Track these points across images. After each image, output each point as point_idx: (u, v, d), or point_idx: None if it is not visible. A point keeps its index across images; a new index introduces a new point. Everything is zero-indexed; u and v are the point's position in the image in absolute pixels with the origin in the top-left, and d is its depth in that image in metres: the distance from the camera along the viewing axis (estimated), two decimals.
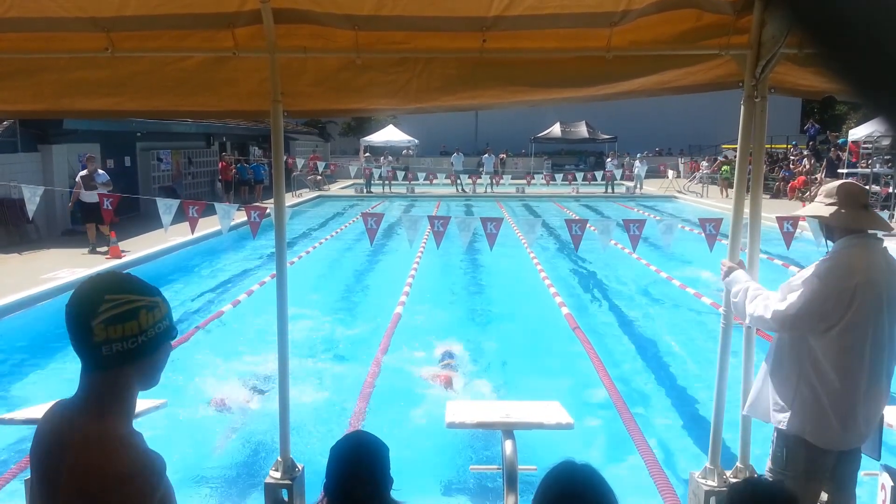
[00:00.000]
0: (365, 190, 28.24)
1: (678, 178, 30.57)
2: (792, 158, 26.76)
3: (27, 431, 3.74)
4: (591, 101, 3.64)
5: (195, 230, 5.13)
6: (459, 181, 28.32)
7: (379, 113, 6.00)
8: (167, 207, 5.05)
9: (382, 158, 30.19)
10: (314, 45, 3.20)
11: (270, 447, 4.96)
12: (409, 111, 3.75)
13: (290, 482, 3.44)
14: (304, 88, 3.49)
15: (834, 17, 0.51)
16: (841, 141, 24.34)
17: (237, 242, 14.11)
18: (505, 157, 35.75)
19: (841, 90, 0.53)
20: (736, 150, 3.45)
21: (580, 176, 25.46)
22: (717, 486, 3.39)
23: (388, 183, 28.13)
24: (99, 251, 12.46)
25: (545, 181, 26.90)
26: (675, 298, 9.80)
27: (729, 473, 3.44)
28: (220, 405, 5.81)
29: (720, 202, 21.24)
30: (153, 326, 1.44)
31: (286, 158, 10.31)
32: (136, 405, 1.49)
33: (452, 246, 10.93)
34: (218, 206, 4.97)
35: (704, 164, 29.05)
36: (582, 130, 35.48)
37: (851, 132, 21.76)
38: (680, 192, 27.32)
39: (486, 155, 32.01)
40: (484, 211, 20.73)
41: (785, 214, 4.27)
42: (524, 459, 3.86)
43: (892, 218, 15.28)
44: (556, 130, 35.59)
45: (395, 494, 2.10)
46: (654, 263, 11.64)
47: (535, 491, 1.84)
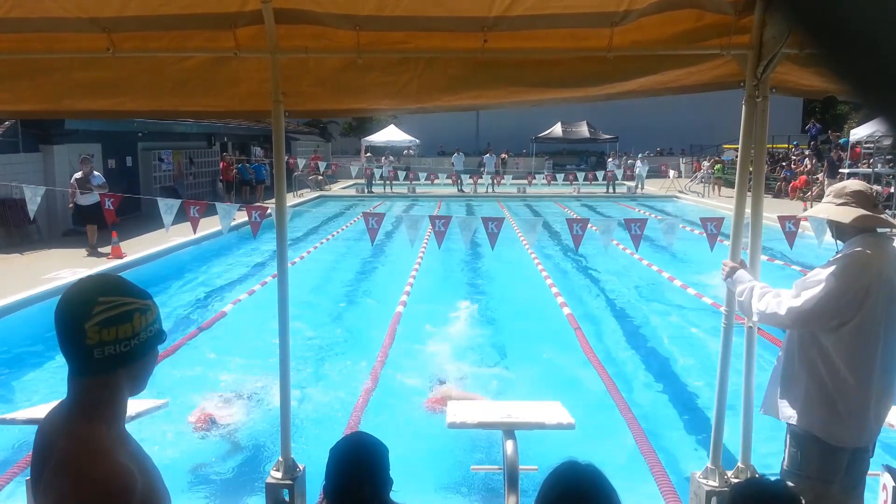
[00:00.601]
0: (366, 190, 28.24)
1: (679, 178, 30.59)
2: (793, 158, 26.75)
3: (29, 431, 3.75)
4: (592, 101, 3.64)
5: (196, 230, 5.14)
6: (460, 181, 28.34)
7: (380, 113, 6.00)
8: (168, 207, 5.05)
9: (384, 158, 30.21)
10: (315, 45, 3.20)
11: (271, 447, 4.97)
12: (410, 111, 3.75)
13: (290, 482, 3.44)
14: (305, 88, 3.49)
15: (835, 17, 0.51)
16: (842, 141, 24.31)
17: (238, 243, 14.11)
18: (506, 156, 35.74)
19: (842, 90, 0.53)
20: (737, 150, 3.45)
21: (581, 176, 25.45)
22: (718, 486, 3.39)
23: (389, 183, 28.13)
24: (102, 252, 12.34)
25: (546, 181, 26.90)
26: (676, 298, 9.80)
27: (730, 473, 3.44)
28: (220, 405, 5.81)
29: (721, 202, 21.23)
30: (145, 330, 1.43)
31: (287, 158, 10.30)
32: (125, 410, 1.48)
33: (454, 246, 10.94)
34: (219, 205, 4.97)
35: (706, 164, 29.07)
36: (583, 130, 35.49)
37: (853, 132, 21.74)
38: (681, 192, 27.32)
39: (487, 155, 32.01)
40: (485, 211, 20.74)
41: (795, 214, 4.28)
42: (525, 460, 3.86)
43: (894, 218, 15.25)
44: (557, 130, 35.60)
45: (394, 496, 2.10)
46: (655, 263, 11.64)
47: (537, 491, 1.84)
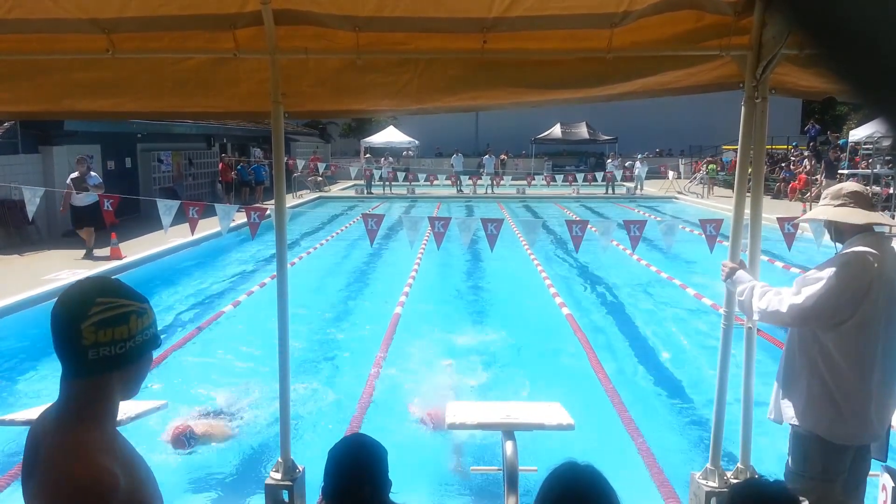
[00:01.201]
0: (365, 191, 28.23)
1: (678, 178, 30.61)
2: (792, 159, 26.78)
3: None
4: (591, 101, 3.64)
5: (195, 231, 5.14)
6: (460, 182, 28.34)
7: (380, 114, 6.00)
8: (167, 209, 5.05)
9: (383, 159, 30.18)
10: (315, 46, 3.21)
11: (271, 448, 4.96)
12: (409, 112, 3.75)
13: (290, 483, 3.44)
14: (304, 89, 3.49)
15: (834, 17, 0.51)
16: (841, 142, 24.34)
17: (238, 244, 14.11)
18: (505, 157, 35.75)
19: (841, 91, 0.53)
20: (736, 150, 3.45)
21: (581, 177, 25.47)
22: (717, 486, 3.39)
23: (388, 184, 28.12)
24: (98, 255, 12.15)
25: (546, 182, 26.91)
26: (675, 299, 9.80)
27: (730, 474, 3.44)
28: (220, 406, 5.81)
29: (720, 203, 21.23)
30: (141, 332, 1.43)
31: (287, 159, 10.28)
32: (116, 414, 1.48)
33: (453, 247, 10.94)
34: (218, 206, 4.97)
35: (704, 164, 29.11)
36: (582, 131, 35.49)
37: (852, 133, 21.77)
38: (680, 192, 27.34)
39: (486, 156, 32.01)
40: (484, 212, 20.74)
41: (794, 216, 4.28)
42: (525, 460, 3.86)
43: (893, 219, 15.26)
44: (556, 131, 35.60)
45: (393, 497, 2.10)
46: (654, 264, 11.65)
47: (536, 492, 1.84)
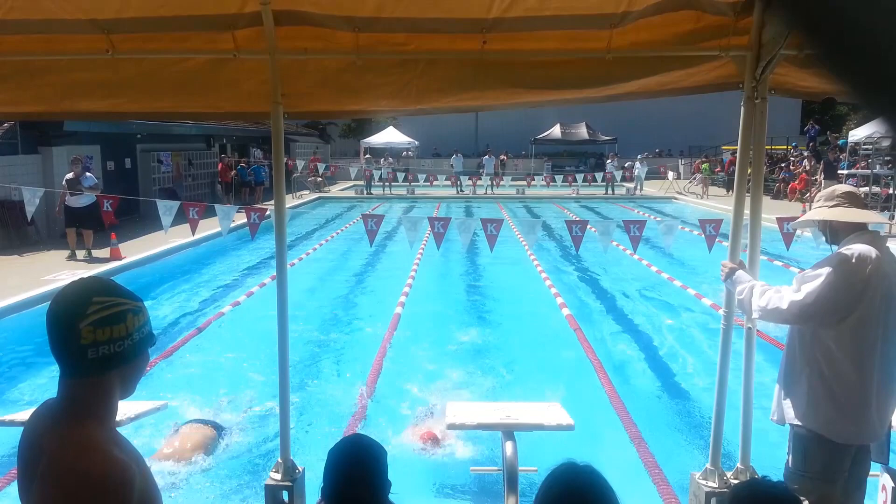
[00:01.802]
0: (365, 191, 28.23)
1: (678, 179, 30.63)
2: (792, 159, 26.79)
3: None
4: (591, 102, 3.64)
5: (195, 232, 5.13)
6: (459, 183, 28.34)
7: (379, 114, 6.00)
8: (167, 209, 5.05)
9: (383, 160, 30.19)
10: (314, 46, 3.20)
11: (270, 449, 4.96)
12: (409, 112, 3.75)
13: (290, 484, 3.44)
14: (304, 90, 3.49)
15: (834, 18, 0.51)
16: (841, 142, 24.35)
17: (237, 244, 14.11)
18: (505, 158, 35.76)
19: (841, 91, 0.53)
20: (735, 151, 3.46)
21: (580, 177, 25.48)
22: (717, 487, 3.39)
23: (388, 184, 28.13)
24: (87, 258, 12.01)
25: (545, 182, 26.90)
26: (675, 299, 9.80)
27: (730, 475, 3.44)
28: (220, 406, 5.81)
29: (720, 203, 21.25)
30: (138, 330, 1.44)
31: (286, 160, 10.25)
32: (116, 413, 1.48)
33: (453, 247, 10.94)
34: (218, 207, 4.97)
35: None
36: (582, 132, 35.49)
37: (851, 133, 21.78)
38: (680, 193, 27.36)
39: (486, 156, 32.02)
40: (484, 212, 20.75)
41: (794, 216, 4.29)
42: (525, 461, 3.86)
43: (893, 219, 15.27)
44: (556, 132, 35.59)
45: (393, 498, 2.10)
46: (654, 264, 11.65)
47: (535, 492, 1.84)
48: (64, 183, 12.16)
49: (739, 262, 3.27)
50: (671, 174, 29.88)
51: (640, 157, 33.23)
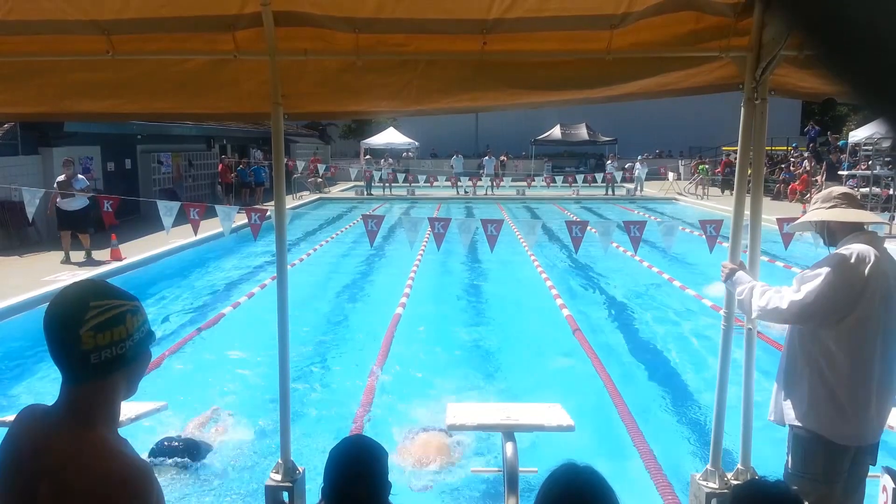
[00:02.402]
0: (365, 192, 28.23)
1: (678, 180, 30.63)
2: (792, 160, 26.79)
3: None
4: (591, 103, 3.64)
5: (197, 232, 5.13)
6: (460, 183, 28.35)
7: (379, 115, 5.99)
8: (168, 210, 5.05)
9: (383, 161, 30.19)
10: (314, 47, 3.20)
11: (271, 449, 4.96)
12: (409, 113, 3.75)
13: (290, 484, 3.44)
14: (304, 90, 3.49)
15: (834, 18, 0.51)
16: (841, 143, 24.34)
17: (237, 245, 14.11)
18: (505, 159, 35.76)
19: (841, 92, 0.53)
20: (736, 152, 3.46)
21: (580, 178, 25.48)
22: (718, 488, 3.39)
23: (388, 185, 28.14)
24: (98, 259, 12.03)
25: (545, 183, 26.90)
26: (675, 300, 9.80)
27: (730, 475, 3.44)
28: (219, 407, 5.80)
29: (720, 204, 21.25)
30: (138, 330, 1.43)
31: (287, 161, 10.16)
32: (119, 414, 1.48)
33: (453, 248, 10.94)
34: (219, 208, 4.97)
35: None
36: (582, 132, 35.49)
37: (852, 134, 21.77)
38: (680, 193, 27.36)
39: (486, 157, 32.03)
40: (484, 213, 20.74)
41: (794, 217, 4.28)
42: (525, 461, 3.86)
43: (893, 220, 15.26)
44: (556, 132, 35.59)
45: (393, 499, 2.10)
46: (654, 265, 11.65)
47: (536, 493, 1.84)
48: (56, 185, 12.06)
49: (739, 262, 3.27)
50: (671, 175, 29.89)
51: (640, 157, 33.21)
